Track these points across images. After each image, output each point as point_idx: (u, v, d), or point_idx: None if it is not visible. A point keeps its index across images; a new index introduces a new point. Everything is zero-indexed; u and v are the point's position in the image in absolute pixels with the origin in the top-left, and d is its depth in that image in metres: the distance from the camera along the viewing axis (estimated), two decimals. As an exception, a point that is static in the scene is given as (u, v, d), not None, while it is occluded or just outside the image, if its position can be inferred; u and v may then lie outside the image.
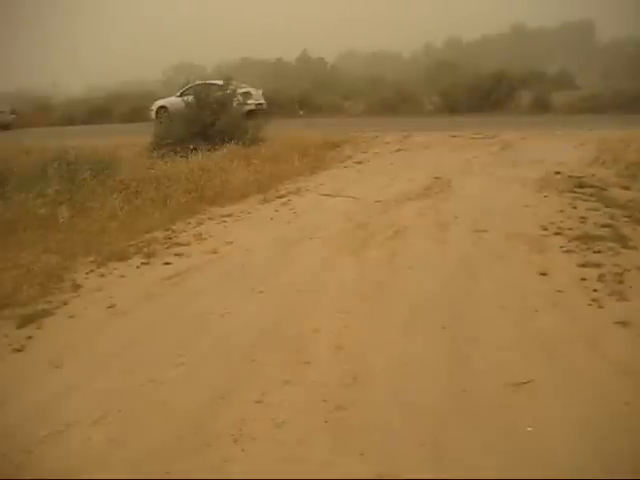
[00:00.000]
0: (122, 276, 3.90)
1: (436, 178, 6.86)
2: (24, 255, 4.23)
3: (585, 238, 4.15)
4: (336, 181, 7.05)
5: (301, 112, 19.34)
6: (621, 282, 3.32)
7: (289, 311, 3.17)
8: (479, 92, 18.06)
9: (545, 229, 4.48)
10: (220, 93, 10.04)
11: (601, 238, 4.13)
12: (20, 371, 2.64)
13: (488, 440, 1.97)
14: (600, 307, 3.02)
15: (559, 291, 3.26)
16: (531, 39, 51.92)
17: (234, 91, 10.36)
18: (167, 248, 4.48)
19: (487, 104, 17.63)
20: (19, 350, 2.84)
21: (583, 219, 4.69)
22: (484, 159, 8.33)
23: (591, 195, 5.55)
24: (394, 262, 3.92)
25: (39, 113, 23.49)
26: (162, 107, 15.99)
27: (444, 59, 32.91)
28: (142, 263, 4.14)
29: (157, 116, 15.66)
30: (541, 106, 17.22)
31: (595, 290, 3.23)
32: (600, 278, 3.39)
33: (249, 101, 14.47)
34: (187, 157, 7.92)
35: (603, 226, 4.44)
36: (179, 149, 8.43)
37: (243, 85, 14.80)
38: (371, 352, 2.65)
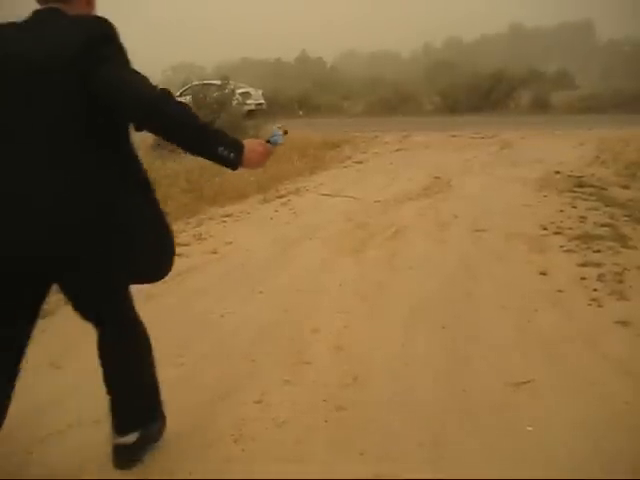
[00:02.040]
0: (122, 276, 3.89)
1: (436, 178, 6.87)
2: (24, 255, 4.23)
3: (585, 237, 4.15)
4: (336, 181, 7.05)
5: (300, 112, 19.35)
6: (621, 281, 3.32)
7: (289, 311, 3.17)
8: (478, 92, 18.11)
9: (545, 229, 4.48)
10: (219, 93, 10.06)
11: (601, 237, 4.13)
12: (20, 371, 2.64)
13: (488, 440, 1.97)
14: (600, 306, 3.02)
15: (559, 291, 3.26)
16: (530, 39, 52.04)
17: (232, 91, 10.38)
18: (167, 248, 4.47)
19: (486, 104, 17.67)
20: (19, 350, 2.83)
21: (583, 218, 4.69)
22: (484, 159, 8.34)
23: (591, 194, 5.56)
24: (394, 262, 3.92)
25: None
26: (161, 107, 15.99)
27: (443, 59, 33.02)
28: (142, 263, 4.13)
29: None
30: (540, 106, 17.27)
31: (595, 290, 3.23)
32: (600, 277, 3.40)
33: (248, 101, 14.49)
34: (187, 157, 7.92)
35: (603, 225, 4.44)
36: (179, 149, 8.43)
37: (242, 85, 14.82)
38: (371, 352, 2.65)
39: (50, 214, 1.40)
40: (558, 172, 6.81)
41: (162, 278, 1.81)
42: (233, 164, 1.46)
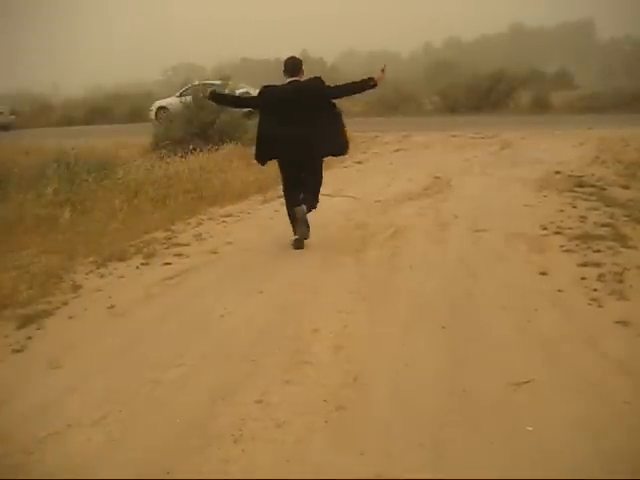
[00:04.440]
0: (122, 276, 3.90)
1: (436, 178, 6.87)
2: (24, 256, 4.23)
3: (585, 237, 4.15)
4: (336, 181, 7.02)
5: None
6: (621, 281, 3.32)
7: (289, 311, 3.17)
8: (478, 92, 18.08)
9: (545, 228, 4.48)
10: (219, 93, 10.05)
11: (601, 237, 4.13)
12: (20, 372, 2.64)
13: (488, 440, 1.97)
14: (600, 306, 3.02)
15: (559, 290, 3.26)
16: (530, 38, 51.94)
17: (232, 90, 10.37)
18: (167, 248, 4.48)
19: (486, 104, 17.65)
20: (19, 351, 2.84)
21: (583, 218, 4.69)
22: (484, 159, 8.33)
23: (591, 194, 5.55)
24: (394, 262, 3.92)
25: (39, 113, 23.52)
26: (162, 107, 15.99)
27: (443, 59, 32.91)
28: (142, 263, 4.14)
29: (157, 117, 15.66)
30: (540, 105, 17.24)
31: (595, 289, 3.23)
32: (600, 277, 3.39)
33: (249, 101, 14.46)
34: (187, 157, 7.92)
35: (603, 225, 4.44)
36: (179, 149, 8.43)
37: (242, 85, 14.79)
38: (371, 352, 2.65)
39: (316, 142, 4.14)
40: (558, 172, 6.80)
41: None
42: (374, 87, 4.19)
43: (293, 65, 4.21)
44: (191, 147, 8.35)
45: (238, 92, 11.19)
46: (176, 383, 2.47)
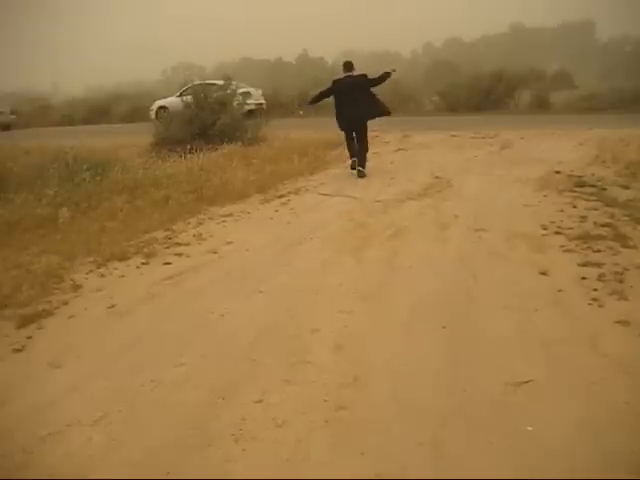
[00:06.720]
0: (122, 276, 3.90)
1: (436, 178, 6.86)
2: (24, 255, 4.23)
3: (585, 237, 4.14)
4: (336, 181, 7.04)
5: (301, 112, 19.27)
6: (621, 281, 3.32)
7: (289, 311, 3.17)
8: (479, 91, 18.07)
9: (545, 228, 4.48)
10: (220, 93, 10.05)
11: (601, 237, 4.13)
12: (20, 371, 2.64)
13: (488, 440, 1.97)
14: (600, 306, 3.02)
15: (559, 290, 3.26)
16: (530, 38, 51.94)
17: (234, 91, 10.36)
18: (167, 248, 4.48)
19: (487, 103, 17.65)
20: (19, 350, 2.84)
21: (583, 218, 4.69)
22: (484, 158, 8.33)
23: (591, 194, 5.55)
24: (394, 262, 3.92)
25: (39, 113, 23.52)
26: (162, 107, 15.97)
27: (443, 59, 32.93)
28: (142, 263, 4.14)
29: (157, 116, 15.64)
30: (540, 105, 17.24)
31: (595, 289, 3.23)
32: (600, 277, 3.39)
33: (249, 101, 14.44)
34: (187, 157, 7.92)
35: (603, 225, 4.44)
36: (179, 149, 8.44)
37: (243, 85, 14.78)
38: (371, 352, 2.65)
39: (363, 111, 7.26)
40: (558, 172, 6.80)
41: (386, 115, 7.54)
42: (390, 76, 7.35)
43: (348, 65, 7.26)
44: (191, 147, 8.35)
45: (239, 92, 11.20)
46: (176, 383, 2.47)
